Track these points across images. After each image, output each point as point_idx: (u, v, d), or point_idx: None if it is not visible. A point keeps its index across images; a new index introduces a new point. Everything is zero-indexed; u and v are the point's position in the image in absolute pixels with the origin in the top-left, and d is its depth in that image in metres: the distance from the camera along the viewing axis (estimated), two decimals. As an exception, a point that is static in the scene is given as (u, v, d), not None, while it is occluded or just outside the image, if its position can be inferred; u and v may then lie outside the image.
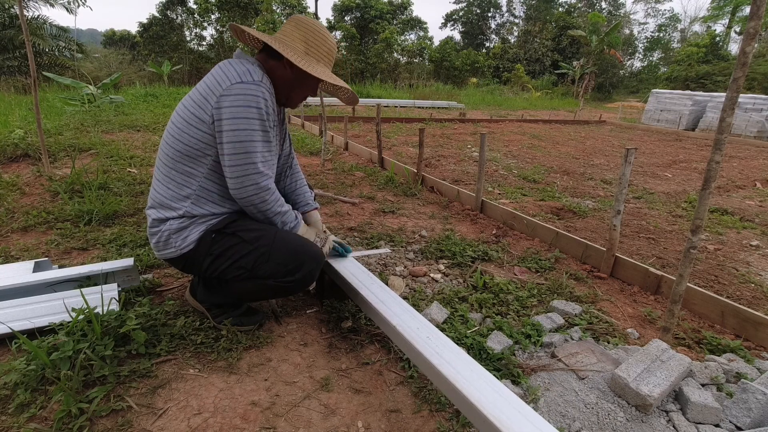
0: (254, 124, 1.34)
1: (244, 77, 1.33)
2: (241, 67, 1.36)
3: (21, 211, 2.63)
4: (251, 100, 1.32)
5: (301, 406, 1.30)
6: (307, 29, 1.46)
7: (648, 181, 5.02)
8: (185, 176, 1.41)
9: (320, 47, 1.47)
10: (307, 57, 1.46)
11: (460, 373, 1.11)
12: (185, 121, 1.38)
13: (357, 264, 1.74)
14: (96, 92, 8.10)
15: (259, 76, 1.36)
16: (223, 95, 1.32)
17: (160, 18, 22.48)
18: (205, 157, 1.40)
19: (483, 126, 9.64)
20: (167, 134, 1.44)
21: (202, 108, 1.35)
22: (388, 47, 23.87)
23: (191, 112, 1.37)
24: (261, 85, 1.34)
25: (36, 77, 3.27)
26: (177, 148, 1.40)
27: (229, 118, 1.32)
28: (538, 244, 2.73)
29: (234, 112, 1.31)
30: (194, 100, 1.38)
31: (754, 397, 1.28)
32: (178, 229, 1.43)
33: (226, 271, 1.46)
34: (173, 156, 1.41)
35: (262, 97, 1.34)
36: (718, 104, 11.65)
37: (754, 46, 1.35)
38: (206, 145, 1.38)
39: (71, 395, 1.20)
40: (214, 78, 1.36)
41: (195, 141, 1.37)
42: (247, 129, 1.33)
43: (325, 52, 1.49)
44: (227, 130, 1.33)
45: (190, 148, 1.39)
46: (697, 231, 1.52)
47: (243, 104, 1.31)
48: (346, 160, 4.91)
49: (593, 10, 29.36)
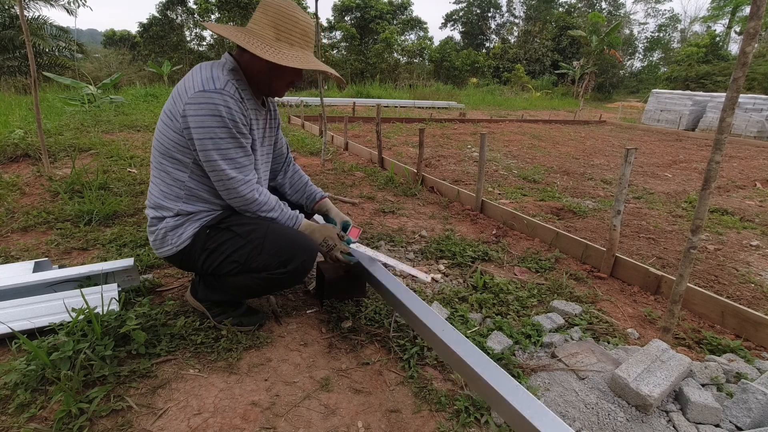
0: (219, 133, 1.33)
1: (206, 85, 1.31)
2: (206, 72, 1.34)
3: (21, 211, 2.63)
4: (212, 108, 1.30)
5: (301, 406, 1.30)
6: (276, 13, 1.37)
7: (648, 181, 5.02)
8: (172, 177, 1.43)
9: (292, 30, 1.38)
10: (278, 43, 1.37)
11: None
12: (163, 124, 1.40)
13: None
14: (96, 92, 8.10)
15: (222, 83, 1.32)
16: (188, 103, 1.32)
17: (160, 18, 22.50)
18: (185, 159, 1.41)
19: (483, 126, 9.64)
20: (154, 135, 1.47)
21: (173, 112, 1.37)
22: (388, 47, 23.88)
23: (167, 115, 1.39)
24: (223, 93, 1.31)
25: (36, 77, 3.27)
26: (159, 150, 1.43)
27: (194, 127, 1.32)
28: (538, 244, 2.73)
29: (198, 121, 1.32)
30: (170, 102, 1.40)
31: (754, 397, 1.28)
32: (174, 227, 1.45)
33: (220, 266, 1.47)
34: (158, 157, 1.44)
35: (224, 105, 1.31)
36: (718, 104, 11.66)
37: (754, 46, 1.35)
38: (183, 147, 1.38)
39: (71, 395, 1.19)
40: (184, 83, 1.37)
41: (172, 143, 1.39)
42: (213, 138, 1.33)
43: (298, 35, 1.40)
44: (196, 139, 1.34)
45: (169, 150, 1.40)
46: (697, 231, 1.52)
47: (205, 113, 1.31)
48: (346, 160, 4.91)
49: (593, 10, 29.39)
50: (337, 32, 25.06)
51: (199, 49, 24.05)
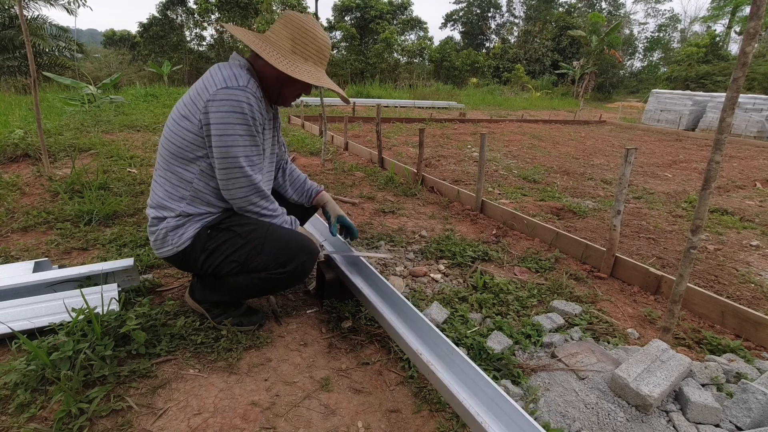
0: (239, 129, 1.35)
1: (229, 82, 1.34)
2: (228, 71, 1.37)
3: (21, 211, 2.63)
4: (236, 105, 1.33)
5: (301, 406, 1.30)
6: (296, 27, 1.42)
7: (648, 181, 5.02)
8: (179, 178, 1.43)
9: (308, 46, 1.44)
10: (292, 56, 1.42)
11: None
12: (177, 124, 1.40)
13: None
14: (96, 92, 8.10)
15: (245, 81, 1.36)
16: (210, 100, 1.33)
17: (160, 18, 22.50)
18: (197, 159, 1.41)
19: (483, 126, 9.64)
20: (163, 136, 1.47)
21: (190, 111, 1.37)
22: (388, 47, 23.88)
23: (182, 115, 1.39)
24: (246, 90, 1.34)
25: (36, 77, 3.27)
26: (170, 149, 1.42)
27: (215, 123, 1.33)
28: (538, 244, 2.73)
29: (220, 117, 1.33)
30: (185, 103, 1.40)
31: (754, 397, 1.28)
32: (175, 227, 1.45)
33: (220, 266, 1.47)
34: (167, 157, 1.44)
35: (247, 102, 1.34)
36: (718, 104, 11.66)
37: (754, 46, 1.35)
38: (196, 147, 1.39)
39: (71, 395, 1.20)
40: (203, 82, 1.38)
41: (186, 143, 1.39)
42: (233, 134, 1.35)
43: (314, 51, 1.45)
44: (214, 135, 1.35)
45: (181, 150, 1.40)
46: (697, 231, 1.52)
47: (228, 109, 1.33)
48: (346, 160, 4.91)
49: (593, 10, 29.38)
50: (337, 32, 25.04)
51: (199, 49, 24.05)
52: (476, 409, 1.06)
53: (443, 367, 1.22)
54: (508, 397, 1.04)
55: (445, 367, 1.21)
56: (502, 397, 1.05)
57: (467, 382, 1.15)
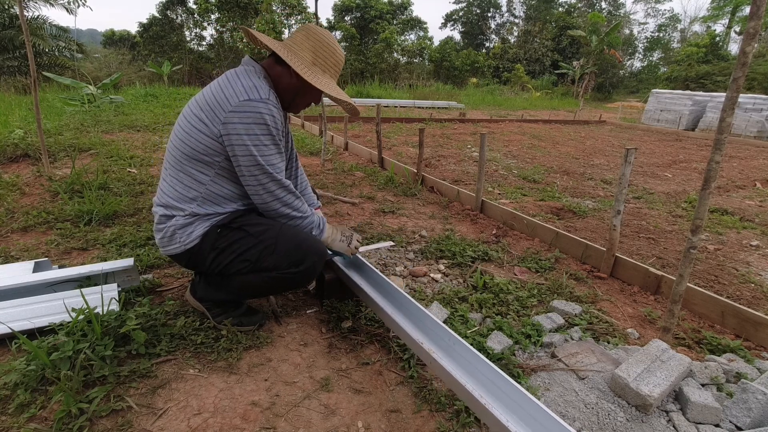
0: (265, 140, 1.39)
1: (251, 93, 1.36)
2: (248, 81, 1.39)
3: (21, 211, 2.63)
4: (259, 118, 1.36)
5: (301, 406, 1.30)
6: (317, 40, 1.49)
7: (648, 181, 5.02)
8: (192, 179, 1.44)
9: (328, 59, 1.51)
10: (313, 67, 1.49)
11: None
12: (192, 126, 1.40)
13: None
14: (96, 92, 8.10)
15: (266, 93, 1.39)
16: (233, 112, 1.34)
17: (160, 18, 22.48)
18: (213, 163, 1.42)
19: (483, 126, 9.64)
20: (174, 135, 1.46)
21: (209, 117, 1.37)
22: (388, 47, 23.88)
23: (198, 118, 1.39)
24: (268, 102, 1.38)
25: (36, 77, 3.27)
26: (184, 150, 1.42)
27: (240, 134, 1.35)
28: (538, 244, 2.73)
29: (245, 130, 1.35)
30: (201, 107, 1.40)
31: (754, 397, 1.28)
32: (184, 225, 1.45)
33: (230, 265, 1.47)
34: (180, 158, 1.43)
35: (270, 114, 1.37)
36: (718, 104, 11.66)
37: (754, 46, 1.35)
38: (214, 152, 1.40)
39: (71, 395, 1.20)
40: (222, 90, 1.38)
41: (203, 147, 1.40)
42: (260, 145, 1.38)
43: (332, 64, 1.52)
44: (238, 145, 1.37)
45: (197, 153, 1.41)
46: (697, 231, 1.52)
47: (252, 122, 1.36)
48: (346, 160, 4.91)
49: (593, 10, 29.38)
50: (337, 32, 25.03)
51: (199, 49, 24.03)
52: (479, 392, 1.10)
53: (444, 355, 1.24)
54: (509, 378, 1.08)
55: (446, 355, 1.24)
56: (503, 378, 1.09)
57: (468, 368, 1.18)
